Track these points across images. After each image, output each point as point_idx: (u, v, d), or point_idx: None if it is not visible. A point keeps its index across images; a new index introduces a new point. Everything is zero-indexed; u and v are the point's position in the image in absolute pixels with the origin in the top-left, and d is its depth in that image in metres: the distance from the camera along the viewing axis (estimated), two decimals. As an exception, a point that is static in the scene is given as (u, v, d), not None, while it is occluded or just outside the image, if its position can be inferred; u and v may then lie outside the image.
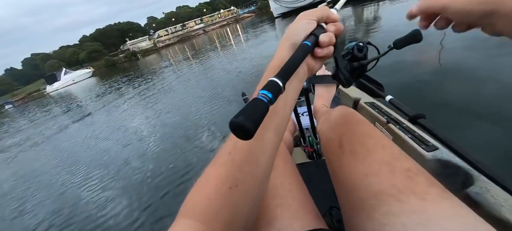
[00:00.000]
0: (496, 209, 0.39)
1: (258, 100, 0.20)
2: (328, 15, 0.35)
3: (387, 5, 6.83)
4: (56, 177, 2.88)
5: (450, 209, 0.28)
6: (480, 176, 0.44)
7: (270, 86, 0.22)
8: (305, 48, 0.30)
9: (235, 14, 55.02)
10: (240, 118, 0.18)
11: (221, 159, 0.30)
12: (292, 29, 0.33)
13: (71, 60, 54.97)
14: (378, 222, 0.31)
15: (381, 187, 0.33)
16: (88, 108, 7.07)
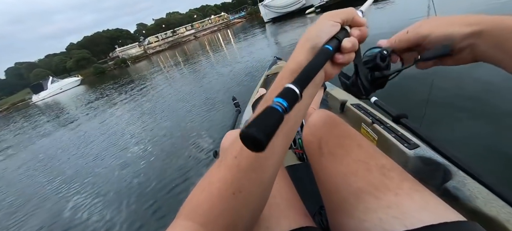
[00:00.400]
0: (472, 201, 0.41)
1: (272, 109, 0.18)
2: (354, 18, 0.32)
3: (372, 9, 7.05)
4: (36, 186, 2.78)
5: (421, 201, 0.31)
6: (458, 171, 0.47)
7: (286, 93, 0.20)
8: (326, 53, 0.28)
9: (226, 20, 55.43)
10: (252, 130, 0.17)
11: (226, 162, 0.28)
12: (314, 30, 0.30)
13: (58, 68, 53.53)
14: (358, 219, 0.33)
15: (359, 186, 0.35)
16: (75, 117, 6.84)
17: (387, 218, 0.30)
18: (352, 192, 0.35)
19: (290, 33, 7.94)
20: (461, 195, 0.43)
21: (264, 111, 0.18)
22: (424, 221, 0.28)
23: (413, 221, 0.28)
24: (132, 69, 21.57)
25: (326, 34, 0.29)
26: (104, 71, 38.99)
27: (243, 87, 3.59)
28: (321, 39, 0.29)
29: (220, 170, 0.28)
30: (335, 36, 0.30)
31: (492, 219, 0.38)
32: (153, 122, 3.51)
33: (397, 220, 0.29)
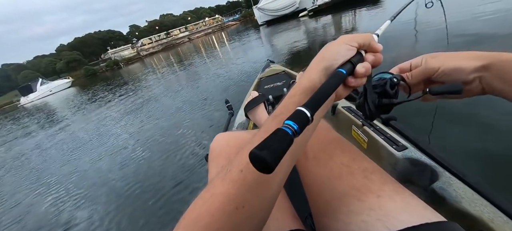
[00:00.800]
0: (458, 202, 0.42)
1: (282, 132, 0.18)
2: (371, 43, 0.32)
3: (363, 12, 7.22)
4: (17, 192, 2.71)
5: (402, 202, 0.32)
6: (444, 172, 0.48)
7: (298, 116, 0.20)
8: (340, 77, 0.28)
9: (220, 22, 55.40)
10: (264, 153, 0.17)
11: (231, 176, 0.28)
12: (331, 52, 0.30)
13: (47, 70, 52.21)
14: (342, 222, 0.33)
15: (342, 189, 0.36)
16: (64, 120, 6.69)
17: (370, 220, 0.31)
18: (336, 195, 0.36)
19: (284, 35, 8.01)
20: (447, 195, 0.44)
21: (274, 133, 0.18)
22: (405, 223, 0.28)
23: (395, 222, 0.29)
24: (124, 71, 21.29)
25: (342, 57, 0.29)
26: (95, 73, 38.35)
27: (238, 88, 3.59)
28: (337, 61, 0.29)
29: (224, 183, 0.28)
30: (350, 60, 0.30)
31: (476, 218, 0.39)
32: (145, 125, 3.47)
33: (380, 222, 0.30)
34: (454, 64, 0.32)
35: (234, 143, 0.55)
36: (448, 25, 1.93)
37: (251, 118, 0.98)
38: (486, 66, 0.30)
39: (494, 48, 0.30)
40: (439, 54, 0.36)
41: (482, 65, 0.30)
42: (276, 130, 0.19)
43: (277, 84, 1.47)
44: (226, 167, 0.29)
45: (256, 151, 0.17)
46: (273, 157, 0.17)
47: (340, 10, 9.36)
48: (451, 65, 0.33)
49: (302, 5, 14.14)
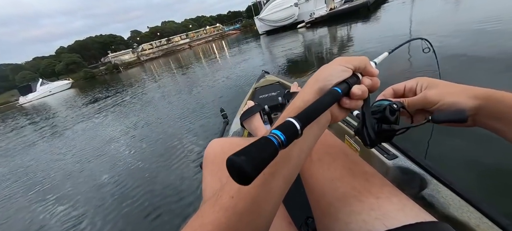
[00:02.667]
0: (445, 208, 0.44)
1: (267, 141, 0.17)
2: (367, 67, 0.32)
3: (359, 26, 7.59)
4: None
5: (399, 203, 0.34)
6: (432, 179, 0.51)
7: (285, 127, 0.19)
8: (335, 95, 0.27)
9: (221, 31, 56.41)
10: (241, 159, 0.15)
11: (221, 202, 0.27)
12: (324, 72, 0.30)
13: (45, 71, 52.05)
14: (343, 222, 0.35)
15: (344, 190, 0.38)
16: (62, 121, 6.63)
17: (370, 220, 0.33)
18: (337, 196, 0.38)
19: (283, 44, 8.36)
20: (436, 201, 0.46)
21: (257, 141, 0.17)
22: (402, 221, 0.31)
23: (392, 221, 0.31)
24: (124, 75, 21.37)
25: (336, 78, 0.29)
26: (94, 76, 38.44)
27: (235, 95, 3.61)
28: (331, 82, 0.29)
29: (214, 211, 0.27)
30: (345, 80, 0.29)
31: (463, 223, 0.40)
32: (141, 130, 3.47)
33: (379, 221, 0.32)
34: (453, 101, 0.33)
35: (229, 148, 0.54)
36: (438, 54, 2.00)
37: (247, 127, 0.99)
38: (482, 105, 0.31)
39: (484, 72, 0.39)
40: (436, 84, 0.36)
41: (478, 105, 0.31)
42: (260, 138, 0.17)
43: (272, 94, 1.48)
44: (217, 192, 0.28)
45: (233, 157, 0.15)
46: (251, 166, 0.15)
47: (335, 23, 9.83)
48: (450, 100, 0.33)
49: (300, 17, 14.73)
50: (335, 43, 6.11)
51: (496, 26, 3.05)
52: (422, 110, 0.38)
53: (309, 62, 4.72)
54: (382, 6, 11.16)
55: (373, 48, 4.00)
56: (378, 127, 0.37)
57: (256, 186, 0.25)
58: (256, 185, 0.25)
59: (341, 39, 6.42)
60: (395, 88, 0.41)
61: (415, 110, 0.38)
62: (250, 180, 0.15)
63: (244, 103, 1.38)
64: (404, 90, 0.40)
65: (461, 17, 4.32)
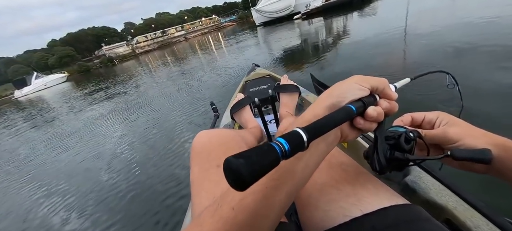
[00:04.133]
0: (427, 192, 0.47)
1: (269, 148, 0.16)
2: (385, 89, 0.30)
3: (354, 16, 7.74)
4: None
5: (373, 189, 0.37)
6: (414, 167, 0.53)
7: (291, 136, 0.18)
8: (348, 112, 0.26)
9: (217, 23, 55.70)
10: (239, 161, 0.14)
11: (222, 213, 0.26)
12: (339, 89, 0.29)
13: (38, 65, 51.04)
14: (322, 209, 0.37)
15: (323, 180, 0.40)
16: (56, 114, 6.62)
17: (347, 206, 0.34)
18: (317, 187, 0.39)
19: (279, 36, 8.49)
20: (418, 187, 0.49)
21: (260, 146, 0.16)
22: (376, 206, 0.33)
23: (367, 206, 0.33)
24: (119, 68, 21.18)
25: (352, 96, 0.28)
26: (89, 69, 37.95)
27: (230, 89, 3.56)
28: (345, 99, 0.28)
29: (214, 221, 0.26)
30: (361, 99, 0.28)
31: (442, 206, 0.44)
32: (136, 122, 3.52)
33: (355, 206, 0.34)
34: (473, 143, 0.32)
35: (216, 140, 0.54)
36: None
37: (237, 120, 0.99)
38: (500, 155, 0.30)
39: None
40: (457, 122, 0.36)
41: (497, 154, 0.31)
42: (263, 144, 0.17)
43: (262, 87, 1.49)
44: (217, 200, 0.28)
45: (232, 159, 0.15)
46: (249, 171, 0.14)
47: (330, 14, 9.99)
48: (469, 143, 0.32)
49: (296, 8, 14.81)
50: (331, 34, 6.23)
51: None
52: (437, 146, 0.37)
53: (306, 53, 4.79)
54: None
55: (367, 39, 4.11)
56: (390, 154, 0.35)
57: (257, 200, 0.25)
58: (257, 199, 0.25)
59: (336, 30, 6.55)
60: (414, 116, 0.41)
61: (430, 144, 0.37)
62: (246, 186, 0.14)
63: (234, 96, 1.36)
64: (422, 121, 0.40)
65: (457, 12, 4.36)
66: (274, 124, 1.03)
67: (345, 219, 0.34)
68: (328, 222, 0.35)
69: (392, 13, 6.02)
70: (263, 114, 0.96)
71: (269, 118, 1.21)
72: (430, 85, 1.76)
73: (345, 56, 3.67)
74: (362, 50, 3.63)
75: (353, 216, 0.33)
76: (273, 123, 1.05)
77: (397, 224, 0.31)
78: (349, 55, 3.59)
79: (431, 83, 1.76)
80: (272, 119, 1.14)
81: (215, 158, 0.48)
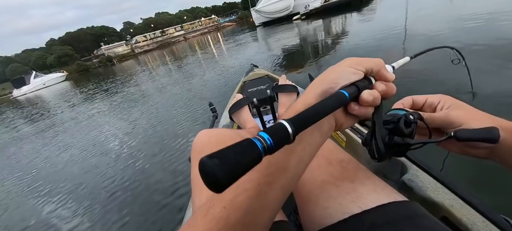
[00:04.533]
0: (424, 191, 0.47)
1: (249, 144, 0.15)
2: (381, 70, 0.28)
3: (352, 17, 7.76)
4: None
5: (372, 185, 0.37)
6: (412, 165, 0.54)
7: (275, 130, 0.16)
8: (340, 98, 0.23)
9: (216, 23, 55.74)
10: (213, 162, 0.13)
11: (214, 212, 0.24)
12: (331, 74, 0.27)
13: (37, 64, 50.86)
14: (321, 206, 0.37)
15: (322, 178, 0.40)
16: (55, 114, 6.61)
17: (346, 203, 0.35)
18: (316, 184, 0.40)
19: (279, 36, 8.51)
20: (415, 185, 0.49)
21: (239, 142, 0.15)
22: (375, 202, 0.33)
23: (366, 202, 0.34)
24: (117, 68, 21.18)
25: (345, 81, 0.26)
26: (88, 68, 37.90)
27: (228, 90, 3.52)
28: (337, 85, 0.25)
29: (206, 221, 0.24)
30: (355, 83, 0.26)
31: (439, 204, 0.44)
32: (134, 122, 3.53)
33: (354, 203, 0.34)
34: (477, 127, 0.30)
35: (216, 139, 0.54)
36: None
37: (235, 120, 0.99)
38: (506, 139, 0.28)
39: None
40: (460, 106, 0.34)
41: (502, 137, 0.28)
42: (243, 140, 0.15)
43: (261, 88, 1.49)
44: (210, 199, 0.27)
45: (206, 159, 0.13)
46: (225, 171, 0.13)
47: (329, 15, 10.03)
48: (474, 127, 0.30)
49: (296, 9, 14.85)
50: (329, 34, 6.26)
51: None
52: (438, 130, 0.35)
53: (305, 53, 4.81)
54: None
55: (366, 39, 4.14)
56: (389, 139, 0.33)
57: (250, 197, 0.24)
58: (250, 196, 0.24)
59: (335, 30, 6.58)
60: (415, 99, 0.39)
61: (431, 129, 0.35)
62: (222, 187, 0.13)
63: (233, 96, 1.37)
64: (423, 104, 0.38)
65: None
66: (272, 124, 1.02)
67: (344, 215, 0.34)
68: (327, 219, 0.35)
69: (390, 14, 6.03)
70: (262, 114, 0.97)
71: (267, 118, 1.21)
72: (433, 66, 1.62)
73: (343, 55, 3.59)
74: (360, 49, 3.67)
75: (352, 213, 0.33)
76: (272, 123, 1.06)
77: (395, 221, 0.31)
78: (348, 54, 3.50)
79: (434, 63, 1.62)
80: (270, 119, 1.14)
81: None
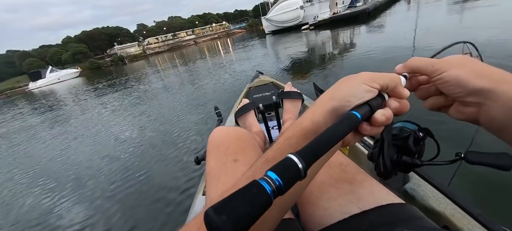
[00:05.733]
0: (425, 200, 0.48)
1: (258, 189, 0.13)
2: (397, 87, 0.26)
3: (359, 29, 7.91)
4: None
5: (370, 187, 0.38)
6: (414, 175, 0.54)
7: (284, 167, 0.15)
8: (353, 121, 0.21)
9: (227, 29, 56.84)
10: (221, 219, 0.12)
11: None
12: (344, 89, 0.25)
13: (52, 60, 52.67)
14: (322, 207, 0.39)
15: (322, 179, 0.42)
16: (64, 107, 7.02)
17: (345, 203, 0.36)
18: (317, 186, 0.41)
19: (287, 44, 8.79)
20: (417, 195, 0.49)
21: (247, 188, 0.13)
22: (373, 203, 0.35)
23: (365, 204, 0.35)
24: (128, 67, 21.86)
25: (358, 99, 0.24)
26: (100, 66, 39.06)
27: (233, 94, 3.57)
28: (349, 103, 0.23)
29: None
30: (368, 102, 0.24)
31: (440, 213, 0.44)
32: (141, 121, 3.61)
33: (353, 204, 0.36)
34: (457, 74, 0.26)
35: (234, 135, 0.55)
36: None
37: (241, 124, 1.01)
38: (491, 91, 0.24)
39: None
40: (462, 63, 0.27)
41: (487, 88, 0.24)
42: (250, 184, 0.14)
43: (266, 94, 1.50)
44: (203, 210, 0.22)
45: (211, 214, 0.12)
46: (234, 229, 0.12)
47: (336, 26, 10.30)
48: (454, 74, 0.26)
49: (305, 19, 15.19)
50: (337, 45, 6.40)
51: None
52: (425, 86, 0.31)
53: (311, 62, 4.91)
54: (384, 12, 11.61)
55: (371, 50, 4.22)
56: (397, 157, 0.32)
57: None
58: None
59: (342, 41, 6.74)
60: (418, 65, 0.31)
61: (417, 81, 0.32)
62: None
63: (239, 101, 1.37)
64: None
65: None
66: (277, 130, 1.08)
67: (344, 216, 0.35)
68: (327, 219, 0.37)
69: (398, 27, 6.14)
70: (267, 120, 1.00)
71: (272, 124, 1.21)
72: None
73: (350, 66, 3.80)
74: (367, 61, 3.74)
75: (351, 213, 0.35)
76: (276, 129, 1.09)
77: (393, 222, 0.32)
78: (354, 66, 3.71)
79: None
80: (275, 125, 1.17)
81: (232, 152, 0.49)
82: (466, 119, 0.28)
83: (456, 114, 0.29)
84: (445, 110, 0.30)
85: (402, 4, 14.15)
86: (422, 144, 0.31)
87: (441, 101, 0.30)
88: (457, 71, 0.26)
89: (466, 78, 0.25)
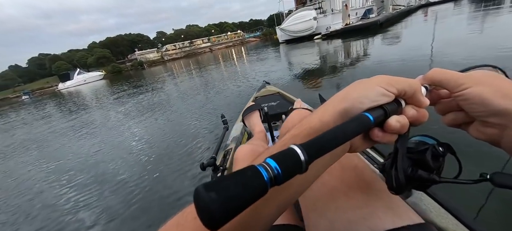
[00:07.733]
0: (427, 214, 0.47)
1: (254, 172, 0.13)
2: (416, 94, 0.24)
3: (370, 40, 7.95)
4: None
5: (387, 202, 0.32)
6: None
7: (284, 156, 0.14)
8: (364, 123, 0.20)
9: (241, 37, 58.30)
10: (209, 196, 0.11)
11: (187, 224, 0.22)
12: (357, 90, 0.23)
13: (79, 63, 56.21)
14: (328, 218, 0.33)
15: (332, 184, 0.36)
16: (85, 108, 7.50)
17: (355, 219, 0.31)
18: (325, 191, 0.36)
19: (299, 52, 9.13)
20: (418, 209, 0.48)
21: (243, 170, 0.13)
22: (387, 225, 0.29)
23: (377, 223, 0.29)
24: (147, 72, 22.98)
25: (371, 102, 0.22)
26: (121, 70, 41.42)
27: (241, 103, 3.57)
28: (362, 105, 0.22)
29: (195, 224, 0.21)
30: (382, 106, 0.22)
31: (443, 229, 0.44)
32: (156, 123, 3.77)
33: (363, 222, 0.30)
34: (481, 92, 0.23)
35: (250, 154, 0.61)
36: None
37: (247, 123, 1.06)
38: None
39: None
40: (485, 81, 0.25)
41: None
42: (247, 168, 0.13)
43: (272, 104, 1.51)
44: (186, 209, 0.23)
45: (202, 190, 0.12)
46: (222, 208, 0.11)
47: (348, 37, 10.46)
48: (478, 91, 0.24)
49: (317, 30, 15.54)
50: (348, 56, 6.46)
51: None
52: (445, 96, 0.28)
53: (321, 71, 4.91)
54: (396, 24, 11.66)
55: (382, 61, 4.22)
56: (412, 172, 0.28)
57: (243, 213, 0.20)
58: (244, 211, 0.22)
59: (354, 51, 6.84)
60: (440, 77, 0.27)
61: (438, 95, 0.29)
62: (217, 225, 0.11)
63: (247, 106, 1.45)
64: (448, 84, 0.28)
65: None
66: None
67: None
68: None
69: (413, 38, 6.00)
70: (271, 124, 1.05)
71: (277, 134, 1.24)
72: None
73: (361, 76, 3.79)
74: (379, 72, 3.69)
75: None
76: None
77: None
78: (365, 76, 3.67)
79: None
80: (279, 135, 1.28)
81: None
82: (486, 140, 0.26)
83: (476, 133, 0.26)
84: (465, 127, 0.28)
85: (419, 15, 14.06)
86: (441, 160, 0.29)
87: (461, 117, 0.27)
88: (481, 89, 0.24)
89: (490, 97, 0.23)
